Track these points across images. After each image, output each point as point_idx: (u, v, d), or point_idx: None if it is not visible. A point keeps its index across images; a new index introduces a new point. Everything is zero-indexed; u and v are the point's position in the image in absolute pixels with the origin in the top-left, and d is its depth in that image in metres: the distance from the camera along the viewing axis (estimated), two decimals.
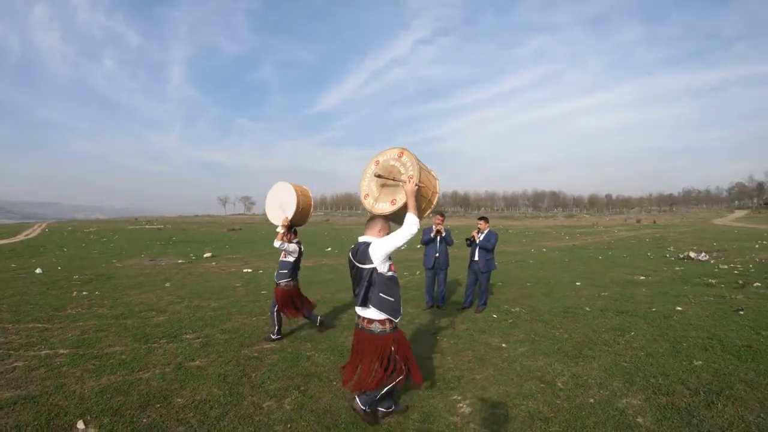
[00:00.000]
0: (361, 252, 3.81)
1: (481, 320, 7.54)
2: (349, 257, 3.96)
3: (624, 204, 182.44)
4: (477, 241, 8.27)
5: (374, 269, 3.75)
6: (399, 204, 3.85)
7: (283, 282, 6.53)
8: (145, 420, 4.05)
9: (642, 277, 12.32)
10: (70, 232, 39.20)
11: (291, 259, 6.58)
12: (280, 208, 6.46)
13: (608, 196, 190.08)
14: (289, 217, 6.37)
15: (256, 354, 5.86)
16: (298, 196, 6.40)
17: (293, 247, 6.55)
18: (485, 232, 8.31)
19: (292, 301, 6.57)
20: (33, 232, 38.54)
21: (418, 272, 13.19)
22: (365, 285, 3.75)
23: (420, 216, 3.76)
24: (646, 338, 6.27)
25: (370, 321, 3.81)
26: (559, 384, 4.73)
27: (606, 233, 46.49)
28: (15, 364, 5.51)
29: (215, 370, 5.29)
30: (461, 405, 4.38)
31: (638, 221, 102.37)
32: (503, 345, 6.12)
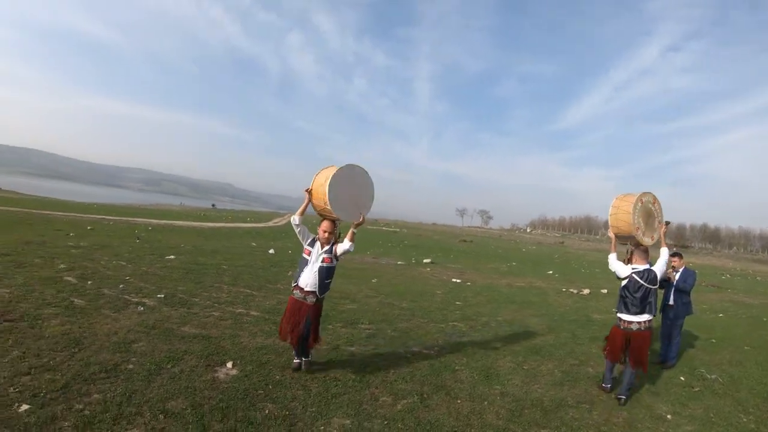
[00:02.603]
0: (654, 277, 5.57)
1: (663, 379, 6.74)
2: (638, 280, 5.56)
3: None
4: (673, 282, 7.35)
5: (656, 288, 5.64)
6: (654, 240, 5.87)
7: (323, 295, 5.41)
8: (278, 377, 4.94)
9: None
10: (313, 225, 45.88)
11: (335, 263, 5.44)
12: (350, 199, 5.35)
13: None
14: (366, 214, 5.55)
15: (409, 355, 6.31)
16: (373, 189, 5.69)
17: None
18: (680, 270, 7.42)
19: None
20: (282, 221, 46.70)
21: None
22: (650, 299, 5.55)
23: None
24: None
25: (648, 321, 5.57)
26: None
27: None
28: (212, 313, 7.19)
29: (363, 358, 5.94)
30: None
31: None
32: (668, 416, 5.38)
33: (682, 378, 6.82)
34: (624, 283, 5.67)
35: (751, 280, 38.17)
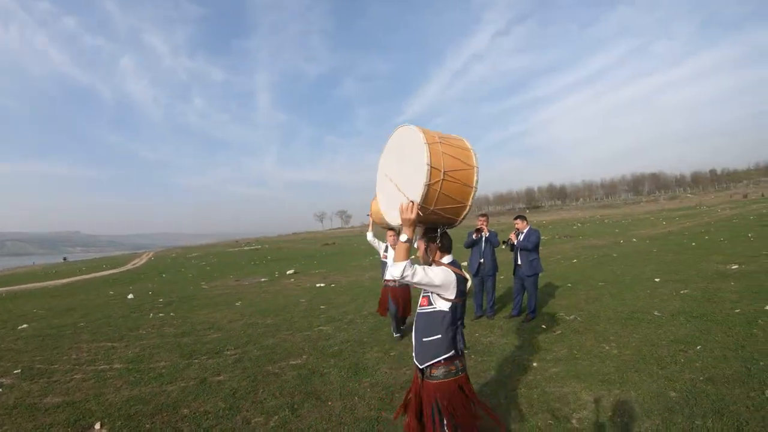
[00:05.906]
0: None
1: (525, 332, 7.30)
2: None
3: (730, 178, 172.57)
4: (516, 243, 8.18)
5: None
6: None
7: None
8: (148, 425, 5.01)
9: (735, 266, 11.07)
10: (173, 259, 44.02)
11: None
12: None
13: (712, 172, 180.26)
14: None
15: (277, 370, 6.60)
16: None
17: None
18: (524, 231, 8.20)
19: None
20: (140, 262, 43.95)
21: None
22: None
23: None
24: (713, 355, 5.38)
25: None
26: (574, 421, 4.20)
27: (708, 214, 43.82)
28: (75, 376, 6.92)
29: (231, 384, 6.13)
30: None
31: (745, 196, 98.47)
32: (534, 364, 5.71)
33: (543, 326, 7.39)
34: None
35: (599, 224, 43.81)
